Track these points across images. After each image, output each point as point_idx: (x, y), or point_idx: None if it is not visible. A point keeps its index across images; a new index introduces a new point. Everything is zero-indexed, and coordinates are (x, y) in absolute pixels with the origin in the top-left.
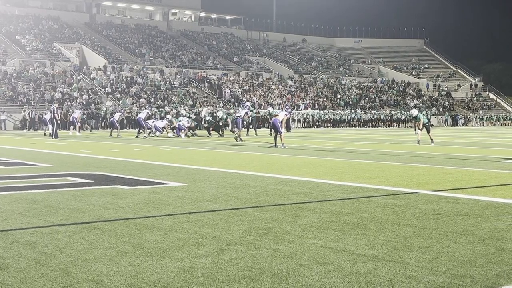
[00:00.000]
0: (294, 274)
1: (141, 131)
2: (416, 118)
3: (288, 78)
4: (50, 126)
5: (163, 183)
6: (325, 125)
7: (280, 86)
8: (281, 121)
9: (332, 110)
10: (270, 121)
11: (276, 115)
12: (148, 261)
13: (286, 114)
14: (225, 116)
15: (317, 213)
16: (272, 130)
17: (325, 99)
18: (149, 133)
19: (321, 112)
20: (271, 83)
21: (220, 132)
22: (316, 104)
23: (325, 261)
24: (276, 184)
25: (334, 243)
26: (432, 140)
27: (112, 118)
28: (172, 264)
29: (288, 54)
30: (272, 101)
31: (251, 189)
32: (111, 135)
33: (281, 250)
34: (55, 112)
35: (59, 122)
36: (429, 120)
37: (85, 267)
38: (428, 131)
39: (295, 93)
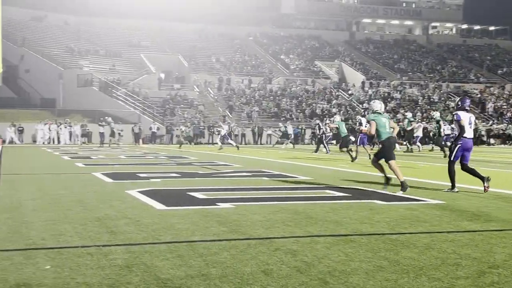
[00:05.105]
0: None
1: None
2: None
3: None
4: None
5: (420, 200)
6: None
7: None
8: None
9: None
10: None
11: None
12: (405, 278)
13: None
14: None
15: None
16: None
17: None
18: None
19: None
20: None
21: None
22: None
23: None
24: None
25: None
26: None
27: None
28: (429, 283)
29: None
30: None
31: None
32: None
33: None
34: (320, 127)
35: (326, 136)
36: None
37: (342, 279)
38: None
39: None
